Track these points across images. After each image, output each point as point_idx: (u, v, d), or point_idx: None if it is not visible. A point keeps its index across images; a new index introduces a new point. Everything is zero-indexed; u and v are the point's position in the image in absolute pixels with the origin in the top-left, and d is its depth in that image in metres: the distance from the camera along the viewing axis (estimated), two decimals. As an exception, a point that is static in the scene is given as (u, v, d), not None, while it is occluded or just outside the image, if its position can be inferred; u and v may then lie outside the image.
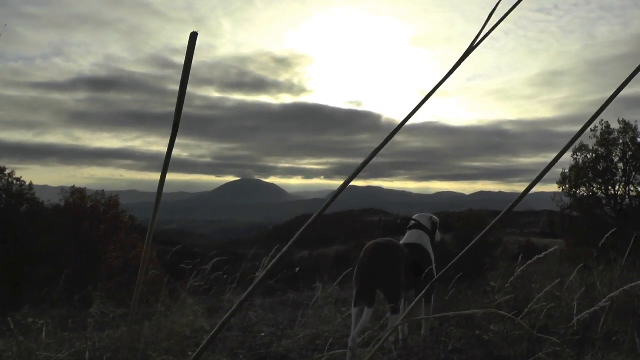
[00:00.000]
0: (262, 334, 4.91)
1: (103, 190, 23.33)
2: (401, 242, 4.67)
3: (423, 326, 4.59)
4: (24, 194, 20.58)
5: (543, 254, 3.24)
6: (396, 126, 1.17)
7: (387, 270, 3.91)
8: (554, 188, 21.20)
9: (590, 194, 20.09)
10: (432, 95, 1.17)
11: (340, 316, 5.25)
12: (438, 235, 5.05)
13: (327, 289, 6.70)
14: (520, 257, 5.05)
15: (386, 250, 4.07)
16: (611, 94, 1.04)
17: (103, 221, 22.07)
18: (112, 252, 19.40)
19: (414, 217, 4.99)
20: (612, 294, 2.83)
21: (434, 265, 4.65)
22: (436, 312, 5.22)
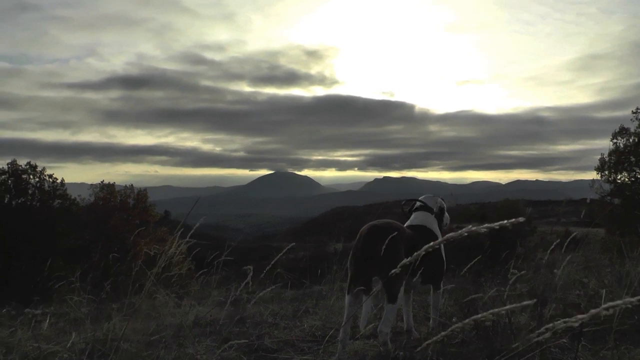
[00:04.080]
0: (263, 325, 4.64)
1: (132, 185, 23.57)
2: (405, 224, 4.28)
3: (431, 316, 4.18)
4: (56, 190, 20.90)
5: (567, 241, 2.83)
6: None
7: (384, 254, 3.50)
8: (592, 175, 20.34)
9: (633, 179, 19.16)
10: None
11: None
12: (447, 218, 4.63)
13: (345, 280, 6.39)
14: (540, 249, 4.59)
15: (383, 232, 3.65)
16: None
17: (132, 215, 22.28)
18: (142, 246, 19.53)
19: (419, 199, 4.58)
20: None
21: (442, 250, 4.23)
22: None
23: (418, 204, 4.52)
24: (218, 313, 5.23)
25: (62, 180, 20.86)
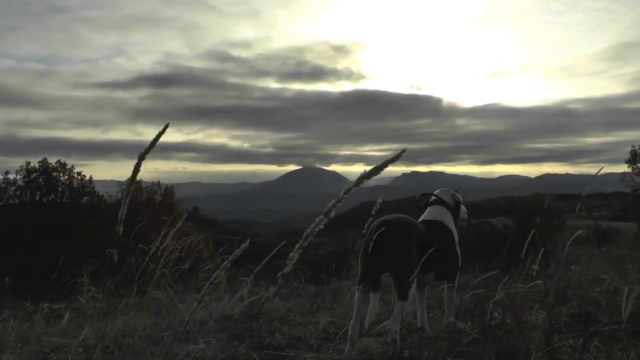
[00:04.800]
0: (276, 321, 4.62)
1: (159, 182, 23.85)
2: (419, 219, 4.19)
3: (446, 314, 4.10)
4: (84, 188, 21.29)
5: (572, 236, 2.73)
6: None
7: (394, 249, 3.42)
8: (623, 168, 19.86)
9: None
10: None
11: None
12: (463, 213, 4.51)
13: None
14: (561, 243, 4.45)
15: (394, 227, 3.57)
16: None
17: (159, 212, 22.56)
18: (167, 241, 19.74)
19: (434, 193, 4.48)
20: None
21: (457, 245, 4.14)
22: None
23: (433, 198, 4.42)
24: (233, 309, 5.24)
25: (90, 177, 21.26)
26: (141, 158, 1.81)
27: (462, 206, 4.51)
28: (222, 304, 5.31)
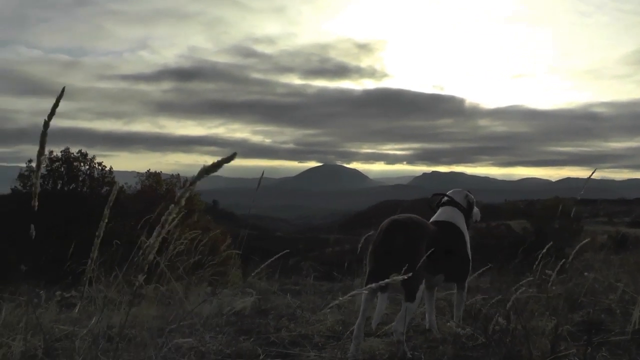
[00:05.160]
0: (285, 318, 4.61)
1: (178, 174, 24.01)
2: (431, 220, 4.14)
3: (455, 316, 4.04)
4: (104, 178, 21.55)
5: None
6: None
7: (403, 249, 3.38)
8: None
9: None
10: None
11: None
12: (476, 214, 4.45)
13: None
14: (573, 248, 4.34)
15: (403, 227, 3.53)
16: None
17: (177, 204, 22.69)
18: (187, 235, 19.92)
19: (447, 193, 4.42)
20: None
21: (468, 247, 4.08)
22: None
23: (445, 198, 4.36)
24: (243, 303, 5.25)
25: (111, 168, 21.51)
26: (46, 126, 1.82)
27: (476, 207, 4.45)
28: (230, 298, 5.33)
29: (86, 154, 21.31)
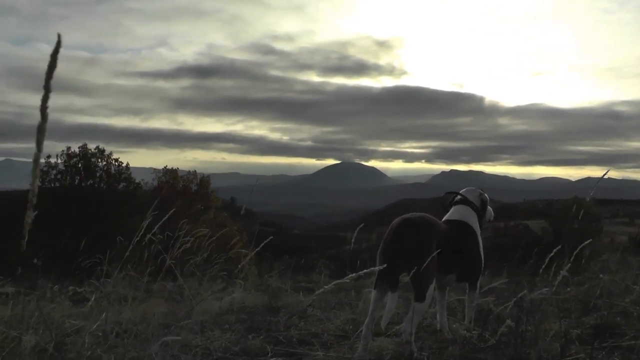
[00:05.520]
0: (296, 316, 4.59)
1: (195, 171, 24.13)
2: (443, 218, 4.08)
3: (466, 317, 3.98)
4: (121, 174, 21.73)
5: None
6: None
7: (413, 248, 3.33)
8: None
9: None
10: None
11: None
12: (490, 213, 4.38)
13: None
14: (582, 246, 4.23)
15: (414, 226, 3.48)
16: None
17: (194, 200, 22.83)
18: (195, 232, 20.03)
19: (460, 192, 4.35)
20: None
21: (481, 247, 4.01)
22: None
23: (458, 197, 4.30)
24: (256, 300, 5.24)
25: (127, 164, 21.66)
26: (42, 123, 1.68)
27: (489, 207, 4.38)
28: (242, 295, 5.33)
29: (103, 150, 21.51)
